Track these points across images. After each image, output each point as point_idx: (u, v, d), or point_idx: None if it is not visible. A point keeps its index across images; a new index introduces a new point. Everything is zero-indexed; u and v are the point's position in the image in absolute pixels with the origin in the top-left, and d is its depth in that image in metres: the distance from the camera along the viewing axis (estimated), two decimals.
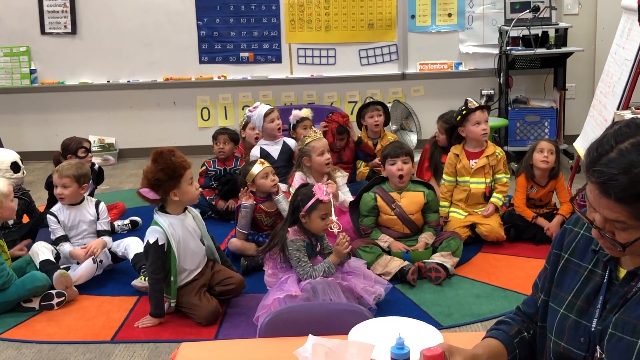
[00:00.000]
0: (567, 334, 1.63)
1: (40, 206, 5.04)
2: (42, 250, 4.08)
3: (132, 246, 4.21)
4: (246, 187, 4.42)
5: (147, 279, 3.80)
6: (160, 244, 3.58)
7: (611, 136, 1.44)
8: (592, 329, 1.57)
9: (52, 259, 4.07)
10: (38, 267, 4.01)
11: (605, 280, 1.59)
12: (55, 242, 4.23)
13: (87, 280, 4.13)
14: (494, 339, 1.80)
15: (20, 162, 4.77)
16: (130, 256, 4.17)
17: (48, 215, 4.31)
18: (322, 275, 3.53)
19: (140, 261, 4.08)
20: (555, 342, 1.66)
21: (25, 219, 4.84)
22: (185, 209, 3.75)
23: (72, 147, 4.95)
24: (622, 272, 1.57)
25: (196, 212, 3.87)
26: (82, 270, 4.08)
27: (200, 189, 5.18)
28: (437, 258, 4.13)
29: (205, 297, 3.68)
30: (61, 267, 4.06)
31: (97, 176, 5.14)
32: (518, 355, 1.78)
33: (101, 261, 4.24)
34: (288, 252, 3.59)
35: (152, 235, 3.60)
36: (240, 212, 4.40)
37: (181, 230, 3.66)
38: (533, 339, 1.81)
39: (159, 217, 3.65)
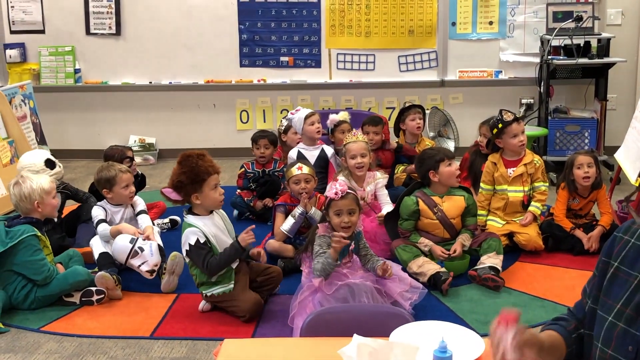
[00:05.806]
0: (615, 342, 1.62)
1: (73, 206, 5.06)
2: (101, 244, 4.17)
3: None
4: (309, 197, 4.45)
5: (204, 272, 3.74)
6: (201, 242, 3.63)
7: None
8: None
9: (111, 253, 4.14)
10: (96, 258, 4.11)
11: None
12: (96, 225, 4.24)
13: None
14: (554, 331, 1.80)
15: (52, 158, 4.83)
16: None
17: (96, 207, 4.32)
18: (322, 273, 3.48)
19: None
20: (602, 350, 1.65)
21: (66, 211, 4.92)
22: (212, 211, 3.79)
23: (117, 158, 4.85)
24: None
25: (222, 212, 3.91)
26: (118, 245, 4.08)
27: (238, 191, 5.31)
28: (486, 261, 4.11)
29: (248, 291, 3.72)
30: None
31: (140, 183, 5.19)
32: (574, 350, 1.78)
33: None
34: (312, 248, 3.60)
35: (192, 236, 3.65)
36: (294, 217, 4.42)
37: (214, 228, 3.72)
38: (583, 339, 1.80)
39: (190, 218, 3.71)
